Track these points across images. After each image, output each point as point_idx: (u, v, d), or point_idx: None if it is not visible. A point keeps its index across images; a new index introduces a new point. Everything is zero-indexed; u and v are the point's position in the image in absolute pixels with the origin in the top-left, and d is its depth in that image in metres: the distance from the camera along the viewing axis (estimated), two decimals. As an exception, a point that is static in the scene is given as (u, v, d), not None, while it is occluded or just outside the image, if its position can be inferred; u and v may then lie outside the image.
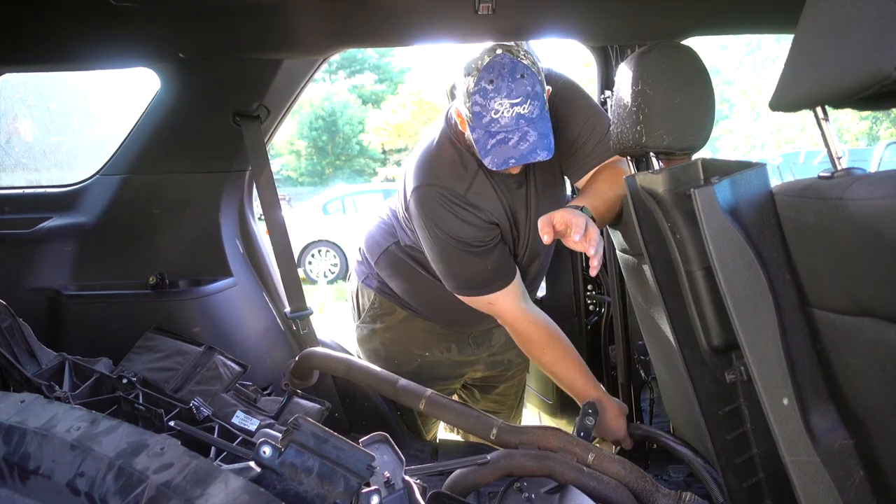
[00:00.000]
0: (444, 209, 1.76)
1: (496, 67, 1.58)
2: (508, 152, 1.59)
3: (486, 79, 1.58)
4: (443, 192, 1.77)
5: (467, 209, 1.77)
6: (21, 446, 0.91)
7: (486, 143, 1.61)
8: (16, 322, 1.56)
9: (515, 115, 1.58)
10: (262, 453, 0.95)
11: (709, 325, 1.27)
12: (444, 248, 1.79)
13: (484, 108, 1.59)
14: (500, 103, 1.57)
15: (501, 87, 1.57)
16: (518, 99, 1.57)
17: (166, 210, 2.19)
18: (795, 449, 1.05)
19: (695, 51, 1.42)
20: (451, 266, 1.83)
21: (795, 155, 12.29)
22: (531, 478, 1.51)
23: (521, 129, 1.58)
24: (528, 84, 1.58)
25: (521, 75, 1.58)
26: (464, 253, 1.78)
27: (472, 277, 1.82)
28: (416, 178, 1.81)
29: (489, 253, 1.79)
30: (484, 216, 1.79)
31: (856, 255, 0.91)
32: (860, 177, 0.92)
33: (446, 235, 1.77)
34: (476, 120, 1.61)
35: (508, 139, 1.59)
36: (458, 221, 1.76)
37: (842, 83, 0.86)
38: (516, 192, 1.86)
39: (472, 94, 1.60)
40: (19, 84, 2.62)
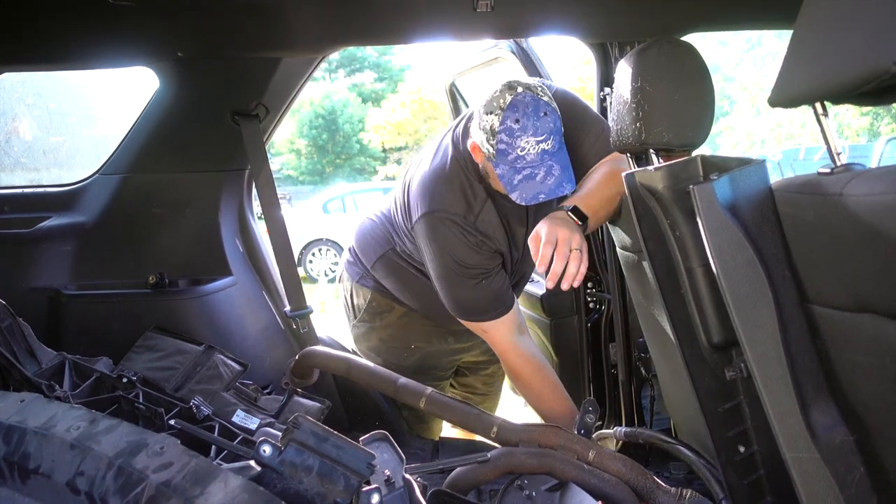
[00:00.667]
0: (454, 235, 1.81)
1: (520, 106, 1.63)
2: (537, 188, 1.65)
3: (511, 118, 1.63)
4: (454, 218, 1.81)
5: (476, 236, 1.82)
6: (21, 446, 0.91)
7: (511, 178, 1.66)
8: (16, 321, 1.56)
9: (540, 152, 1.63)
10: (262, 452, 0.95)
11: (708, 321, 1.27)
12: (448, 272, 1.84)
13: (510, 146, 1.64)
14: (527, 141, 1.62)
15: (527, 126, 1.62)
16: (542, 136, 1.63)
17: (166, 209, 2.18)
18: (796, 445, 1.05)
19: (694, 47, 1.41)
20: (453, 290, 1.87)
21: (795, 151, 12.27)
22: (532, 475, 1.51)
23: (545, 165, 1.64)
24: (550, 121, 1.64)
25: (544, 113, 1.64)
26: (466, 279, 1.83)
27: (470, 303, 1.87)
28: (427, 204, 1.84)
29: (490, 281, 1.84)
30: (490, 244, 1.85)
31: (855, 252, 0.91)
32: (859, 173, 0.92)
33: (452, 261, 1.82)
34: (500, 157, 1.66)
35: (535, 174, 1.64)
36: (465, 247, 1.81)
37: (841, 78, 0.86)
38: (518, 215, 1.92)
39: (498, 132, 1.64)
40: (18, 83, 2.62)
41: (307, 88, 2.23)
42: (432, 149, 1.99)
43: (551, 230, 1.57)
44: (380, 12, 1.76)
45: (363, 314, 2.23)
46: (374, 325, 2.22)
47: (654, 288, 1.34)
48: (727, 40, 21.77)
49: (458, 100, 3.31)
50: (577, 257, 1.54)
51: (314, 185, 23.90)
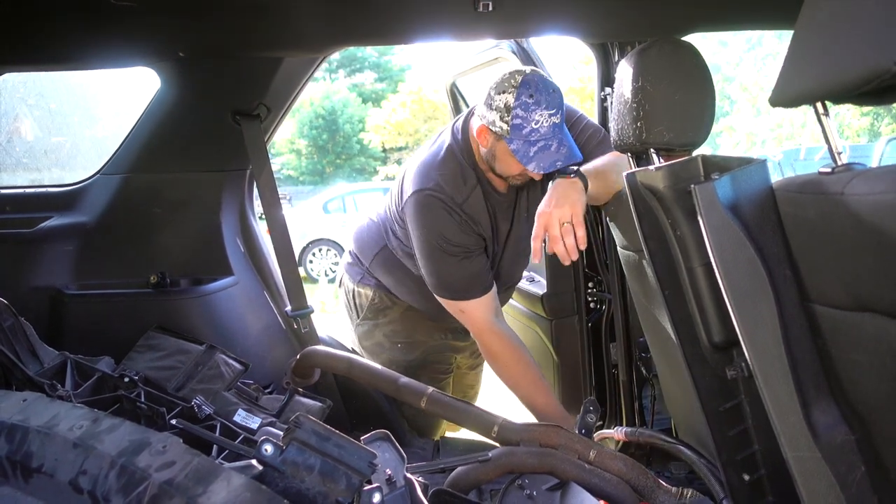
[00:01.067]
0: (440, 213, 1.87)
1: (532, 83, 1.74)
2: (552, 156, 1.73)
3: (525, 93, 1.73)
4: (443, 197, 1.88)
5: (463, 217, 1.89)
6: (24, 445, 0.92)
7: (527, 151, 1.74)
8: (18, 321, 1.57)
9: (552, 125, 1.74)
10: (264, 451, 0.96)
11: (709, 321, 1.27)
12: (432, 248, 1.90)
13: (525, 120, 1.73)
14: (541, 114, 1.73)
15: (541, 100, 1.73)
16: (553, 110, 1.74)
17: (167, 209, 2.19)
18: (797, 445, 1.05)
19: (695, 47, 1.41)
20: (435, 266, 1.92)
21: (796, 151, 12.25)
22: (532, 475, 1.51)
23: (557, 137, 1.74)
24: (558, 97, 1.76)
25: (552, 90, 1.76)
26: (449, 256, 1.89)
27: (451, 281, 1.93)
28: (418, 183, 1.91)
29: (471, 261, 1.91)
30: (475, 228, 1.91)
31: (856, 251, 0.91)
32: (860, 172, 0.92)
33: (437, 236, 1.87)
34: (515, 132, 1.74)
35: (549, 145, 1.73)
36: (451, 225, 1.88)
37: (842, 78, 0.86)
38: (505, 210, 1.98)
39: (514, 108, 1.73)
40: (20, 84, 2.62)
41: (307, 88, 2.24)
42: (429, 142, 2.06)
43: (539, 221, 1.62)
44: (381, 12, 1.76)
45: (366, 312, 2.27)
46: (377, 321, 2.26)
47: (655, 287, 1.34)
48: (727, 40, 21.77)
49: (459, 100, 3.31)
50: (567, 231, 1.59)
51: (314, 185, 23.90)
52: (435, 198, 1.87)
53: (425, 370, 2.23)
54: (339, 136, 25.79)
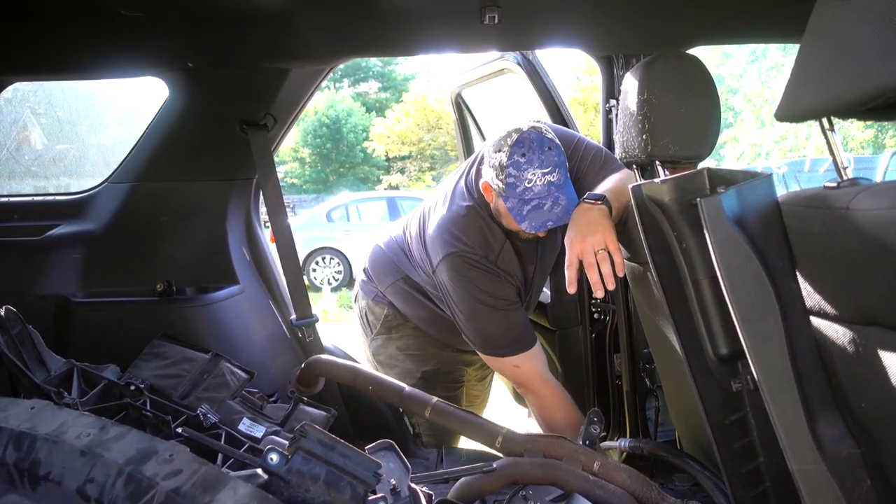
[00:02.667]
0: (479, 271, 1.89)
1: (526, 142, 1.74)
2: (545, 216, 1.74)
3: (518, 153, 1.73)
4: (476, 258, 1.89)
5: (497, 272, 1.90)
6: (31, 452, 0.92)
7: (521, 209, 1.75)
8: (25, 329, 1.57)
9: (546, 183, 1.73)
10: (269, 460, 0.96)
11: (715, 333, 1.27)
12: (475, 307, 1.89)
13: (517, 179, 1.73)
14: (533, 173, 1.72)
15: (533, 159, 1.72)
16: (548, 168, 1.73)
17: (174, 218, 2.20)
18: (802, 458, 1.05)
19: (700, 60, 1.42)
20: (482, 325, 1.92)
21: (801, 163, 12.24)
22: (537, 486, 1.51)
23: (552, 195, 1.73)
24: (555, 155, 1.74)
25: (548, 147, 1.74)
26: (495, 311, 1.89)
27: (501, 336, 1.93)
28: (448, 246, 1.91)
29: (515, 313, 1.92)
30: (512, 281, 1.93)
31: (862, 265, 0.91)
32: (866, 187, 0.92)
33: (481, 293, 1.88)
34: (509, 190, 1.75)
35: (543, 204, 1.74)
36: (492, 279, 1.89)
37: (847, 94, 0.86)
38: (530, 253, 2.00)
39: (506, 167, 1.74)
40: (29, 93, 2.64)
41: (312, 98, 2.25)
42: (446, 192, 2.05)
43: (572, 250, 1.60)
44: (388, 24, 1.78)
45: (380, 328, 2.29)
46: (390, 336, 2.28)
47: (661, 299, 1.34)
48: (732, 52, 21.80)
49: (464, 110, 3.32)
50: (604, 257, 1.57)
51: (318, 193, 23.94)
52: (469, 259, 1.88)
53: (438, 381, 2.23)
54: (343, 144, 25.85)
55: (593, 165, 1.92)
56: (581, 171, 1.92)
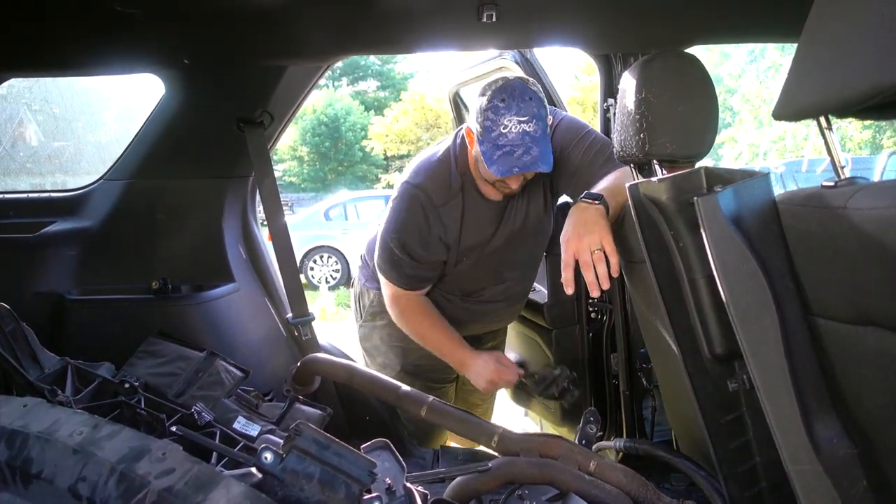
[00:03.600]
0: (418, 212, 1.95)
1: (508, 89, 1.76)
2: (513, 162, 1.75)
3: (498, 97, 1.75)
4: (423, 195, 1.95)
5: (431, 221, 1.96)
6: (23, 450, 0.91)
7: (492, 154, 1.76)
8: (19, 326, 1.56)
9: (521, 132, 1.74)
10: (263, 459, 0.95)
11: (711, 333, 1.27)
12: (389, 240, 2.00)
13: (494, 123, 1.75)
14: (510, 119, 1.74)
15: (511, 106, 1.74)
16: (525, 117, 1.74)
17: (170, 215, 2.19)
18: (798, 458, 1.05)
19: (698, 59, 1.42)
20: (384, 247, 2.03)
21: (798, 163, 12.24)
22: (533, 485, 1.50)
23: (525, 144, 1.74)
24: (534, 106, 1.76)
25: (529, 98, 1.76)
26: (398, 253, 1.99)
27: (384, 260, 2.05)
28: (410, 175, 2.02)
29: (411, 265, 2.01)
30: (441, 233, 1.98)
31: (859, 265, 0.91)
32: (863, 186, 0.92)
33: (400, 236, 1.97)
34: (486, 134, 1.77)
35: (514, 151, 1.74)
36: (416, 229, 1.96)
37: (845, 93, 0.86)
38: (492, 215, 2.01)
39: (485, 110, 1.76)
40: (25, 89, 2.63)
41: (310, 96, 2.25)
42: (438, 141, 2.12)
43: (568, 249, 1.60)
44: (385, 21, 1.77)
45: (366, 314, 2.34)
46: (375, 324, 2.32)
47: (657, 298, 1.34)
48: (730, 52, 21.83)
49: (462, 109, 3.32)
50: (599, 258, 1.56)
51: (316, 192, 23.93)
52: (419, 193, 1.95)
53: (419, 377, 2.24)
54: (342, 143, 25.86)
55: (597, 159, 1.91)
56: (584, 162, 1.91)
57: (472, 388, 2.46)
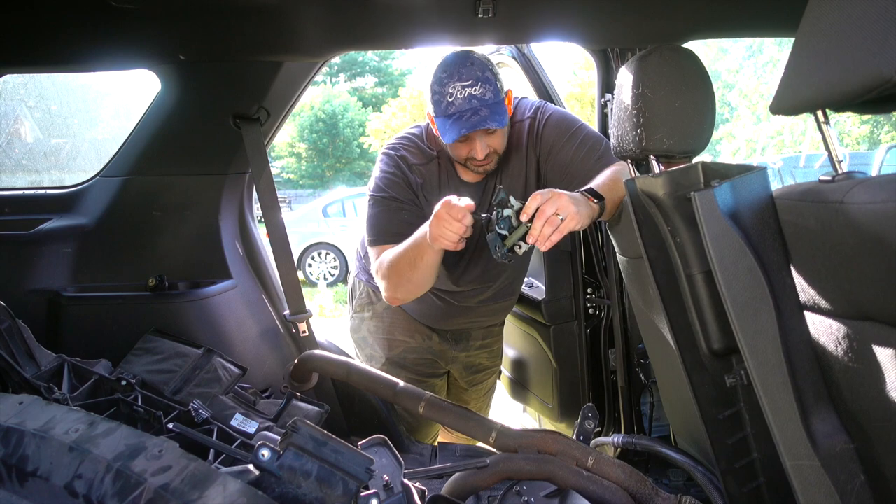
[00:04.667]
0: (392, 166, 1.97)
1: (449, 60, 1.79)
2: (461, 125, 1.75)
3: (440, 71, 1.78)
4: (398, 154, 1.99)
5: (407, 172, 1.97)
6: (19, 448, 0.91)
7: (444, 125, 1.78)
8: (15, 323, 1.56)
9: (467, 96, 1.75)
10: (260, 456, 0.95)
11: (709, 328, 1.27)
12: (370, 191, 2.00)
13: (441, 95, 1.77)
14: (454, 87, 1.75)
15: (453, 73, 1.76)
16: (468, 81, 1.75)
17: (166, 212, 2.18)
18: (796, 453, 1.05)
19: (696, 54, 1.42)
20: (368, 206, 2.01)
21: (796, 158, 12.26)
22: (530, 481, 1.50)
23: (473, 107, 1.74)
24: (477, 70, 1.76)
25: (470, 63, 1.77)
26: (377, 197, 1.97)
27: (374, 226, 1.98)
28: (388, 143, 2.07)
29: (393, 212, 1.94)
30: (415, 184, 1.97)
31: (856, 259, 0.91)
32: (861, 180, 0.92)
33: (380, 179, 1.97)
34: (436, 108, 1.79)
35: (462, 116, 1.75)
36: (394, 176, 1.96)
37: (843, 87, 0.86)
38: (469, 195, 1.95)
39: (432, 85, 1.79)
40: (20, 85, 2.63)
41: (308, 92, 2.24)
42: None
43: (546, 192, 1.50)
44: (381, 17, 1.76)
45: (356, 306, 2.36)
46: (363, 315, 2.33)
47: (655, 294, 1.34)
48: (728, 47, 21.82)
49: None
50: (552, 222, 1.46)
51: (314, 188, 23.94)
52: (393, 153, 1.99)
53: (406, 369, 2.25)
54: (340, 140, 25.84)
55: (591, 154, 1.88)
56: (577, 157, 1.88)
57: (465, 385, 2.46)
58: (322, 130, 25.56)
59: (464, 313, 2.23)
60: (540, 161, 1.95)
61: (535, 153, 1.93)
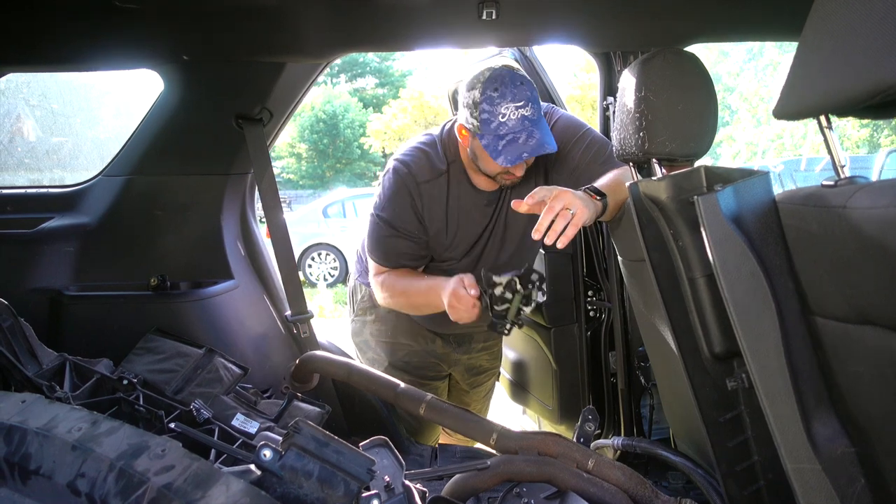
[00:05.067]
0: (399, 185, 1.95)
1: (498, 77, 1.74)
2: (520, 149, 1.73)
3: (490, 87, 1.73)
4: (407, 170, 1.96)
5: (413, 195, 1.96)
6: (22, 446, 0.91)
7: (496, 145, 1.75)
8: (17, 322, 1.56)
9: (521, 117, 1.73)
10: (262, 456, 0.95)
11: (710, 332, 1.27)
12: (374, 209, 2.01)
13: (492, 115, 1.73)
14: (507, 107, 1.73)
15: (506, 93, 1.72)
16: (521, 102, 1.73)
17: (168, 211, 2.19)
18: (797, 456, 1.05)
19: (698, 58, 1.42)
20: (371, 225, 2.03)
21: (797, 162, 12.26)
22: (531, 483, 1.50)
23: (526, 129, 1.73)
24: (527, 90, 1.75)
25: (520, 82, 1.75)
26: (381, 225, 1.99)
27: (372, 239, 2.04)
28: (398, 153, 2.03)
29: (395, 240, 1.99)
30: (419, 210, 1.97)
31: (858, 264, 0.91)
32: (863, 186, 0.92)
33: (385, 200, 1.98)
34: (485, 127, 1.75)
35: (517, 138, 1.73)
36: (399, 201, 1.96)
37: (846, 92, 0.86)
38: (482, 208, 2.00)
39: (480, 103, 1.74)
40: (23, 84, 2.63)
41: (309, 93, 2.24)
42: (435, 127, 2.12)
43: (547, 189, 1.53)
44: (385, 19, 1.77)
45: (358, 309, 2.35)
46: (365, 319, 2.32)
47: (657, 297, 1.34)
48: (728, 50, 21.83)
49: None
50: (564, 215, 1.48)
51: (314, 189, 23.92)
52: (402, 168, 1.96)
53: (409, 373, 2.25)
54: (340, 140, 25.84)
55: (597, 158, 1.89)
56: (583, 161, 1.90)
57: (466, 387, 2.47)
58: (322, 131, 25.55)
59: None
60: (548, 166, 1.97)
61: (544, 158, 1.94)
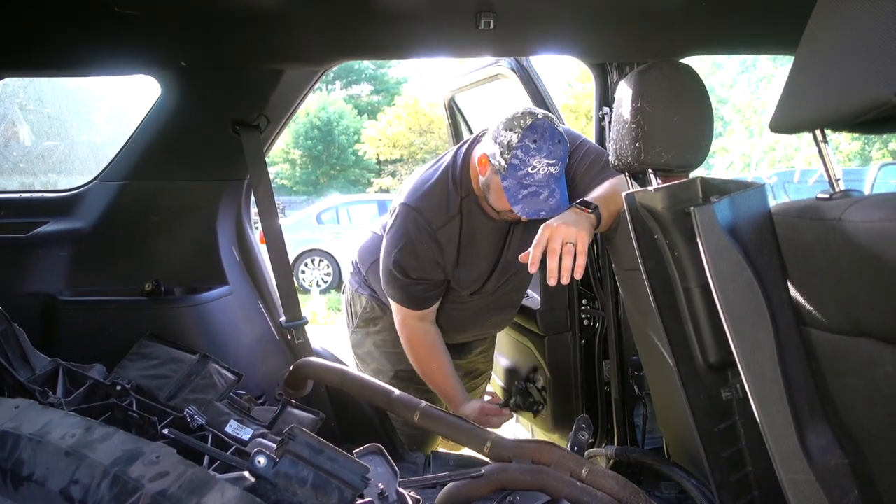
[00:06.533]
0: (416, 235, 1.97)
1: (540, 130, 1.78)
2: (540, 205, 1.77)
3: (530, 137, 1.77)
4: (421, 217, 1.97)
5: (428, 244, 1.98)
6: (15, 452, 0.90)
7: (517, 192, 1.78)
8: (10, 326, 1.55)
9: (548, 174, 1.77)
10: (256, 463, 0.95)
11: (705, 342, 1.28)
12: (389, 261, 2.03)
13: (523, 163, 1.76)
14: (539, 161, 1.76)
15: (542, 148, 1.76)
16: (553, 160, 1.77)
17: (164, 217, 2.18)
18: (791, 467, 1.06)
19: (694, 69, 1.43)
20: (386, 273, 2.06)
21: (790, 174, 12.33)
22: (524, 492, 1.50)
23: (550, 186, 1.77)
24: (561, 149, 1.80)
25: (558, 140, 1.79)
26: (399, 276, 2.01)
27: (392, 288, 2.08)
28: (408, 196, 2.02)
29: (414, 286, 2.03)
30: (438, 255, 1.99)
31: (853, 276, 0.92)
32: (858, 199, 0.93)
33: (398, 251, 1.99)
34: (511, 170, 1.78)
35: (539, 193, 1.76)
36: (414, 251, 1.98)
37: (841, 108, 0.87)
38: (495, 234, 2.03)
39: (515, 148, 1.77)
40: (19, 89, 2.62)
41: (305, 99, 2.25)
42: (434, 159, 2.11)
43: (544, 231, 1.59)
44: (382, 27, 1.77)
45: (359, 321, 2.35)
46: (368, 330, 2.33)
47: (651, 307, 1.35)
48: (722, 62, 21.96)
49: (457, 115, 3.32)
50: (569, 251, 1.54)
51: (308, 195, 23.91)
52: (416, 216, 1.97)
53: (413, 381, 2.24)
54: (335, 147, 25.84)
55: (591, 168, 1.93)
56: (579, 172, 1.93)
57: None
58: (317, 137, 25.55)
59: (472, 328, 2.28)
60: None
61: None
